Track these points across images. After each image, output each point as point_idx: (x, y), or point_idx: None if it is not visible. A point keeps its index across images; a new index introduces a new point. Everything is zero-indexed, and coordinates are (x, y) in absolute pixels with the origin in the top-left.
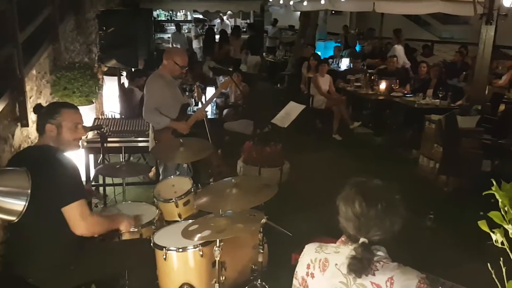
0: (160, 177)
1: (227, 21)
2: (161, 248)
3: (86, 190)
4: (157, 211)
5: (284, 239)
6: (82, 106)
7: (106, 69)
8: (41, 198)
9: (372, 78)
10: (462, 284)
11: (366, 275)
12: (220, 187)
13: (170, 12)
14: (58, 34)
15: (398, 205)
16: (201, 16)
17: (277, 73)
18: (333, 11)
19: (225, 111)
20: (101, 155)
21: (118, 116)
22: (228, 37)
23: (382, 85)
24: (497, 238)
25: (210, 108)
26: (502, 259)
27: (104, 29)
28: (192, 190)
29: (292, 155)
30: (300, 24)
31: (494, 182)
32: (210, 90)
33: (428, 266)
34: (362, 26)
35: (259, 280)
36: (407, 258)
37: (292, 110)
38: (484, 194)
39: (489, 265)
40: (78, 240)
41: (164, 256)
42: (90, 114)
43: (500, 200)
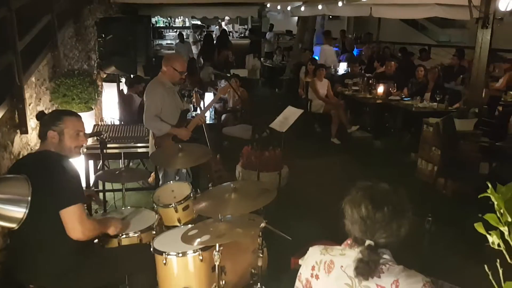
0: (159, 182)
1: (225, 27)
2: (160, 253)
3: (87, 193)
4: (156, 216)
5: (283, 243)
6: (81, 113)
7: (105, 75)
8: (41, 203)
9: (370, 82)
10: (463, 286)
11: (372, 277)
12: (219, 192)
13: (169, 18)
14: (57, 42)
15: (405, 209)
16: (199, 22)
17: (275, 78)
18: (330, 16)
19: (223, 116)
20: (100, 161)
21: (117, 122)
22: (226, 42)
23: (380, 89)
24: (493, 240)
25: (209, 113)
26: (498, 261)
27: (103, 36)
28: (191, 195)
29: (291, 160)
30: (297, 29)
31: (489, 185)
32: (208, 95)
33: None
34: (360, 31)
35: (259, 284)
36: (406, 261)
37: (290, 114)
38: (479, 197)
39: (486, 267)
40: (78, 245)
41: (164, 261)
42: (89, 120)
43: (495, 202)
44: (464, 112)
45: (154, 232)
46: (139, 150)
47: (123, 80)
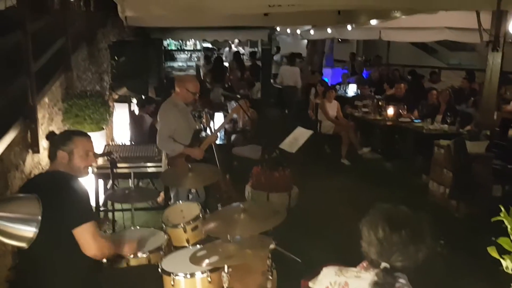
0: (170, 201)
1: (235, 48)
2: (169, 274)
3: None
4: (165, 237)
5: (293, 266)
6: (93, 133)
7: (117, 96)
8: (51, 223)
9: (380, 104)
10: None
11: None
12: (228, 213)
13: (180, 41)
14: (71, 64)
15: (424, 233)
16: (210, 45)
17: (285, 99)
18: (340, 39)
19: (233, 137)
20: (110, 181)
21: (128, 142)
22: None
23: (390, 110)
24: (507, 264)
25: (218, 133)
26: None
27: (116, 58)
28: (200, 216)
29: (300, 180)
30: (307, 51)
31: (502, 208)
32: (218, 116)
33: None
34: (369, 53)
35: None
36: (419, 284)
37: (300, 135)
38: (493, 220)
39: None
40: (87, 266)
41: (172, 282)
42: (100, 140)
43: (509, 226)
44: (475, 134)
45: (163, 252)
46: (149, 170)
47: (135, 100)
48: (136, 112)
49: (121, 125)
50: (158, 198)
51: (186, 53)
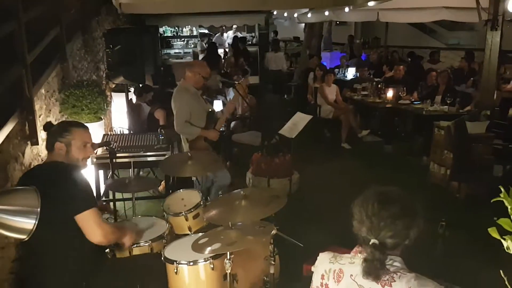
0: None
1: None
2: (172, 262)
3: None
4: (167, 225)
5: (295, 250)
6: (91, 123)
7: (114, 85)
8: (51, 213)
9: (379, 86)
10: None
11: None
12: (229, 199)
13: (176, 28)
14: (66, 54)
15: (414, 212)
16: (206, 31)
17: (283, 84)
18: (337, 22)
19: (232, 123)
20: (110, 171)
21: (126, 131)
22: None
23: (390, 93)
24: (508, 245)
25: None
26: None
27: (111, 46)
28: (201, 203)
29: (301, 165)
30: (305, 35)
31: (502, 189)
32: (217, 103)
33: (441, 275)
34: (367, 36)
35: None
36: (420, 266)
37: (299, 120)
38: (492, 201)
39: (501, 272)
40: (89, 255)
41: (175, 270)
42: (99, 130)
43: (509, 206)
44: (475, 114)
45: (165, 241)
46: (149, 159)
47: (132, 89)
48: (133, 101)
49: (119, 114)
50: (159, 187)
51: (183, 39)
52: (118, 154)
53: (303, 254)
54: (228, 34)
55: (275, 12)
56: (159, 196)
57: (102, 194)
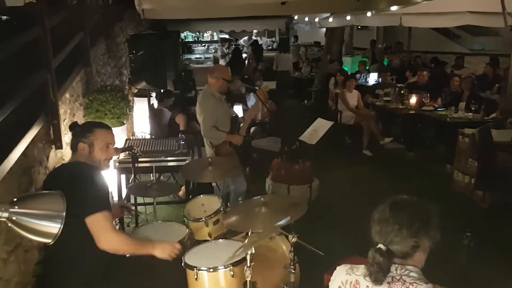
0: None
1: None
2: (192, 268)
3: (120, 204)
4: (187, 231)
5: (316, 259)
6: (113, 128)
7: (136, 90)
8: (72, 212)
9: (402, 92)
10: None
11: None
12: (249, 206)
13: (197, 33)
14: (90, 59)
15: (425, 221)
16: (227, 36)
17: (303, 89)
18: (359, 26)
19: (252, 129)
20: (132, 175)
21: (148, 136)
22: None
23: (413, 99)
24: None
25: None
26: None
27: (134, 52)
28: (221, 209)
29: (321, 172)
30: (326, 40)
31: None
32: (236, 108)
33: (466, 286)
34: (390, 40)
35: None
36: (445, 278)
37: (320, 126)
38: None
39: None
40: (108, 259)
41: (195, 276)
42: (121, 135)
43: None
44: (501, 122)
45: (185, 246)
46: (170, 164)
47: (154, 94)
48: (155, 106)
49: (141, 119)
50: (180, 192)
51: (203, 45)
52: (140, 159)
53: (324, 263)
54: (244, 38)
55: (296, 17)
56: (180, 201)
57: (124, 198)
